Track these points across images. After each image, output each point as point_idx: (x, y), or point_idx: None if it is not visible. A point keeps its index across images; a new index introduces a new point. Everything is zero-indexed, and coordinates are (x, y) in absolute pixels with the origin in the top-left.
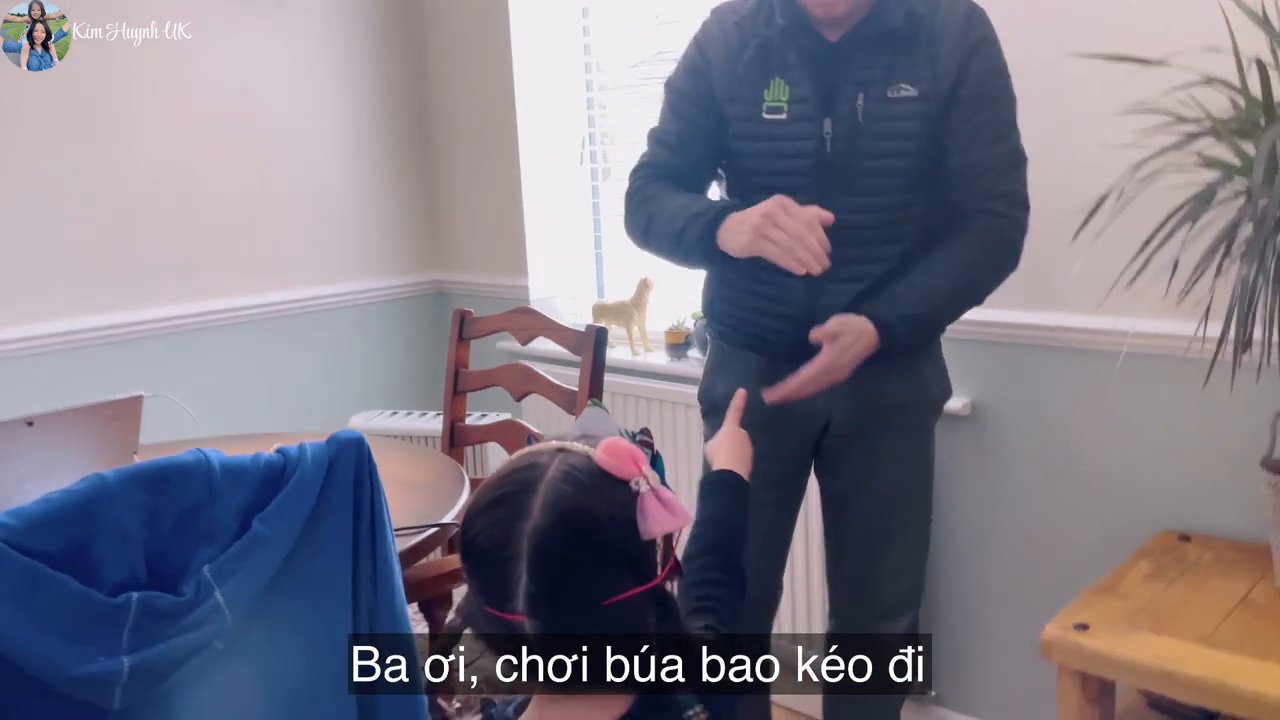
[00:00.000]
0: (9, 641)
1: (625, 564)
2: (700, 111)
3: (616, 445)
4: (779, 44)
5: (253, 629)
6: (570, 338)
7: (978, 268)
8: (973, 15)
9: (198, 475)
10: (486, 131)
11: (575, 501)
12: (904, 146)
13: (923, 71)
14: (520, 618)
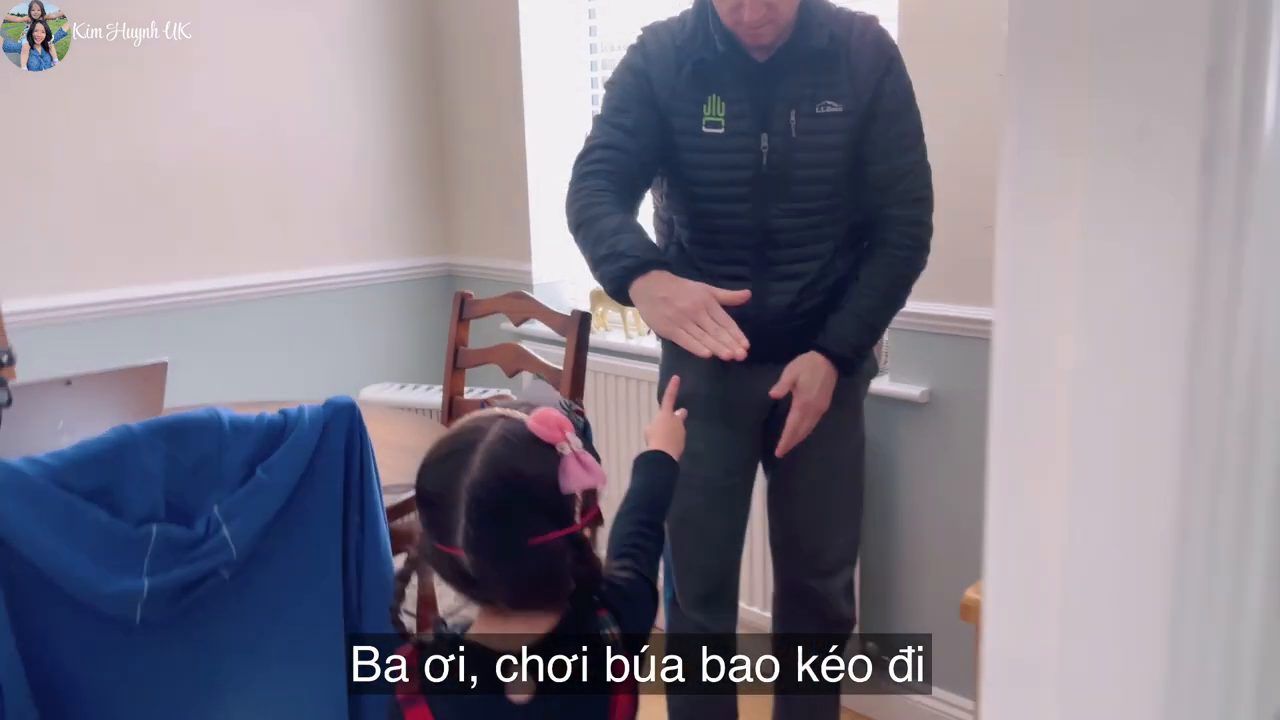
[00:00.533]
0: (51, 563)
1: (547, 513)
2: (646, 108)
3: (547, 415)
4: (715, 64)
5: (254, 562)
6: (557, 320)
7: (901, 280)
8: (882, 38)
9: (210, 428)
10: (496, 123)
11: (508, 460)
12: (832, 157)
13: (845, 89)
14: (459, 552)
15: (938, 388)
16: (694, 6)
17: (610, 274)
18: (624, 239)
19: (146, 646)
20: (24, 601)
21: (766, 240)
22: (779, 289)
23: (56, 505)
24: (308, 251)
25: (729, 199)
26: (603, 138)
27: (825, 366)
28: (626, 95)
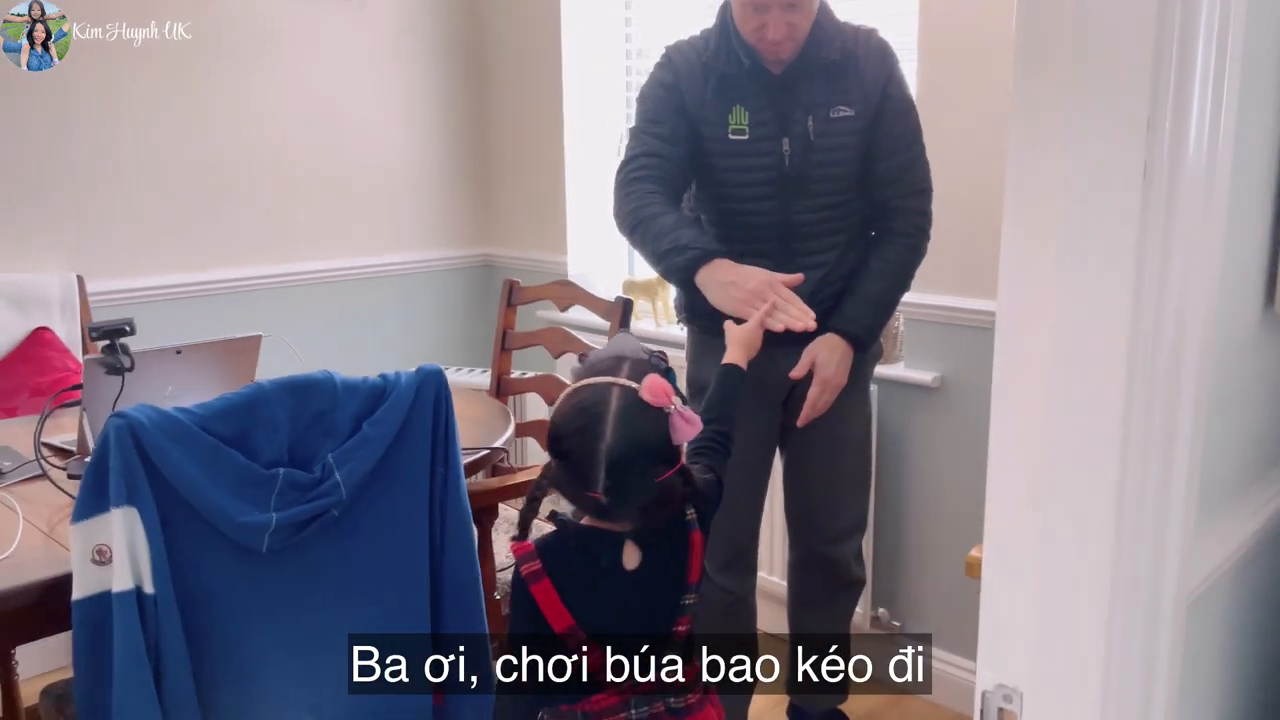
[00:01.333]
0: (199, 496)
1: (664, 459)
2: (679, 117)
3: (654, 384)
4: (738, 77)
5: (358, 504)
6: (602, 306)
7: (907, 264)
8: (885, 47)
9: (325, 388)
10: (536, 122)
11: (633, 426)
12: (845, 156)
13: (856, 95)
14: (599, 495)
15: (948, 374)
16: (715, 25)
17: (677, 264)
18: (684, 233)
19: (269, 570)
20: (174, 528)
21: (789, 234)
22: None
23: (204, 447)
24: (358, 242)
25: (755, 198)
26: (643, 146)
27: (842, 345)
28: (660, 106)
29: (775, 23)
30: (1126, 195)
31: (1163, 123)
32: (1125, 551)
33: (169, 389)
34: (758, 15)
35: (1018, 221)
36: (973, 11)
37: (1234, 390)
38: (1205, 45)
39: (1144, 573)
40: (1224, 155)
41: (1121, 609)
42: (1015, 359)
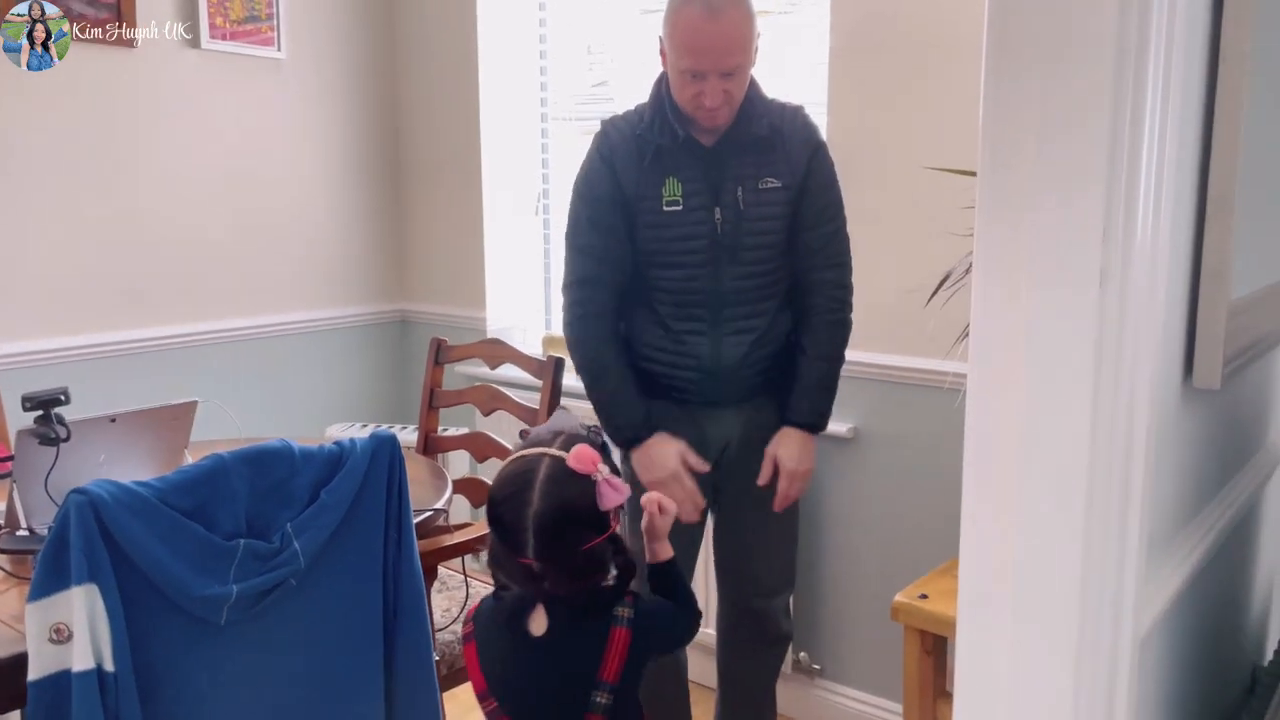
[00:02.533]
0: (158, 569)
1: (591, 525)
2: (615, 215)
3: (581, 453)
4: (672, 150)
5: (316, 571)
6: (532, 365)
7: (838, 340)
8: (810, 123)
9: (284, 457)
10: (454, 179)
11: (559, 491)
12: (774, 226)
13: (783, 168)
14: (530, 560)
15: (862, 425)
16: (650, 99)
17: (614, 441)
18: (620, 410)
19: (225, 642)
20: (133, 603)
21: (721, 301)
22: (733, 342)
23: (165, 521)
24: (274, 299)
25: (688, 265)
26: (578, 270)
27: (799, 436)
28: (597, 203)
29: (712, 90)
30: (1086, 295)
31: (1116, 233)
32: (1090, 602)
33: (102, 457)
34: (695, 83)
35: (987, 316)
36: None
37: (1165, 453)
38: (1147, 174)
39: (1107, 615)
40: (1162, 257)
41: (1088, 650)
42: (986, 437)
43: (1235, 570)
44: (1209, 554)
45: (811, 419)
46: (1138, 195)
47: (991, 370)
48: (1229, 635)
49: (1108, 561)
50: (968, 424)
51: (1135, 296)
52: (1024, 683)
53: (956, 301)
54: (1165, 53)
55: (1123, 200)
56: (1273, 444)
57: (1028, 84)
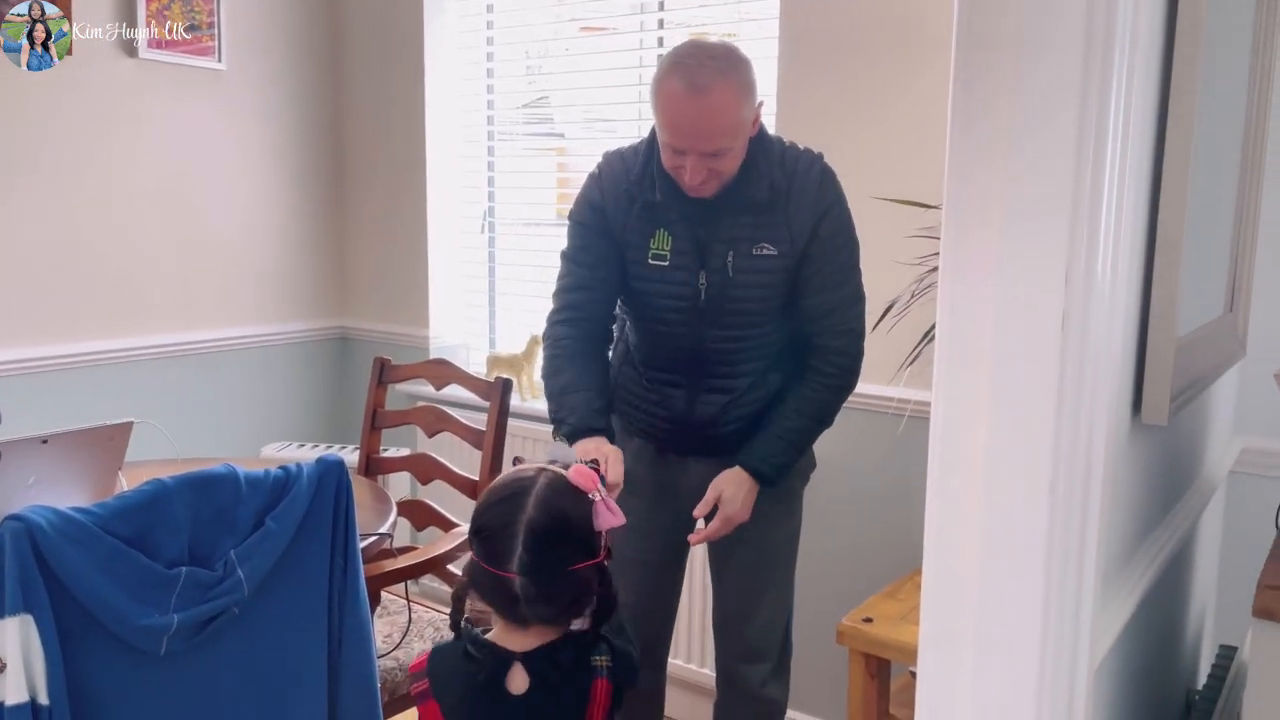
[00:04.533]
0: (96, 599)
1: (583, 546)
2: (604, 240)
3: (581, 470)
4: (663, 203)
5: (259, 599)
6: (480, 386)
7: (828, 406)
8: (824, 181)
9: (229, 483)
10: (397, 195)
11: (557, 502)
12: (765, 294)
13: (782, 234)
14: (512, 575)
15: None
16: (645, 145)
17: (563, 433)
18: (567, 402)
19: (165, 672)
20: (70, 634)
21: (701, 358)
22: (708, 400)
23: (104, 549)
24: (211, 314)
25: (669, 322)
26: (569, 278)
27: (748, 482)
28: (586, 231)
29: (694, 168)
30: (1048, 337)
31: (1077, 276)
32: (1051, 629)
33: (31, 480)
34: (677, 157)
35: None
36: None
37: (1116, 485)
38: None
39: (1065, 646)
40: (1119, 299)
41: (1048, 682)
42: (950, 473)
43: (1174, 597)
44: (1153, 583)
45: (765, 468)
46: (1099, 238)
47: (956, 411)
48: (1167, 660)
49: (1066, 593)
50: (931, 461)
51: (1094, 337)
52: (986, 714)
53: (901, 328)
54: (1125, 97)
55: (1084, 243)
56: (1209, 473)
57: (992, 130)
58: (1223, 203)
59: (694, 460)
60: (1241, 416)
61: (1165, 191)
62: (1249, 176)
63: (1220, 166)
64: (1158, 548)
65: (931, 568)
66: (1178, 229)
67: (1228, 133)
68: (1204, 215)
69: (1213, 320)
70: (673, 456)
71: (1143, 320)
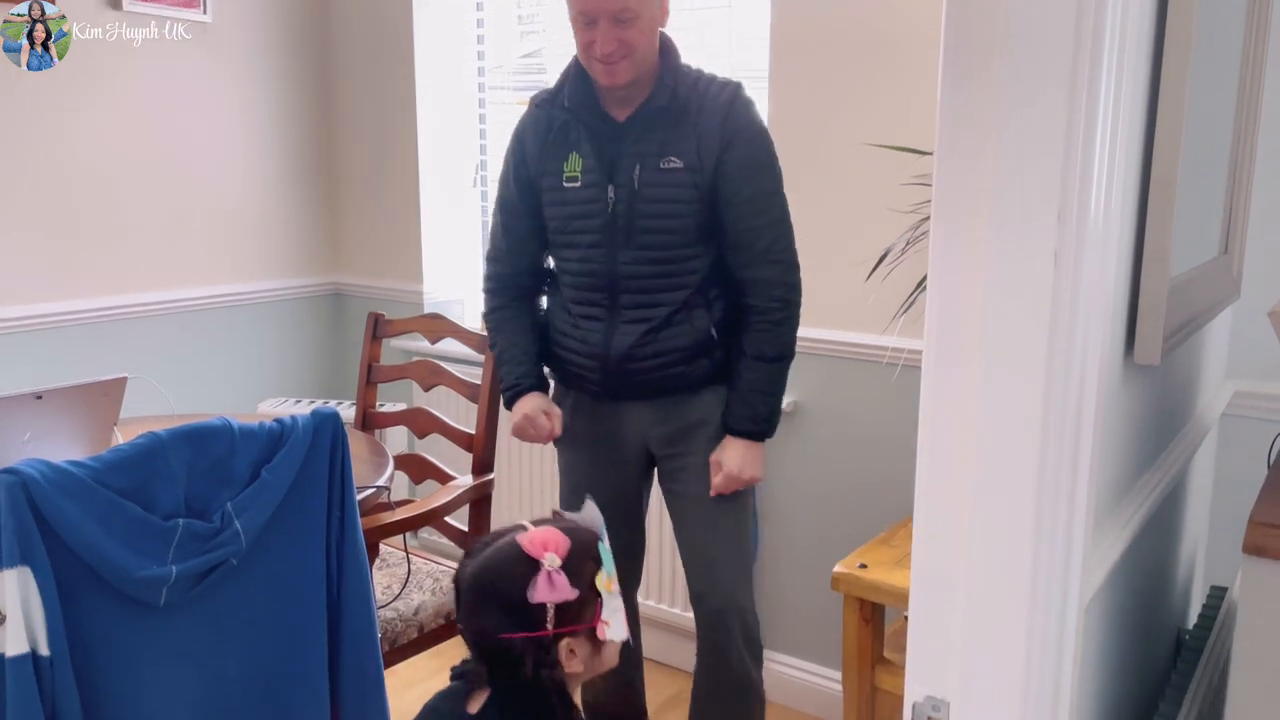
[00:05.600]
0: (93, 551)
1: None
2: (518, 194)
3: (538, 536)
4: (573, 124)
5: (257, 551)
6: (475, 340)
7: (780, 343)
8: (735, 102)
9: (224, 436)
10: (389, 148)
11: (491, 564)
12: (675, 209)
13: (689, 147)
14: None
15: (802, 399)
16: (569, 68)
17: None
18: (504, 371)
19: (165, 624)
20: (68, 586)
21: (615, 285)
22: (625, 330)
23: (100, 501)
24: (203, 271)
25: (583, 245)
26: (490, 246)
27: (740, 444)
28: (504, 183)
29: (604, 38)
30: (1041, 275)
31: (1070, 214)
32: (1041, 566)
33: (27, 435)
34: (588, 30)
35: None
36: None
37: (1108, 424)
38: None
39: (1056, 584)
40: (1112, 237)
41: (1039, 617)
42: (941, 412)
43: (1165, 538)
44: (1144, 523)
45: (748, 426)
46: (1091, 176)
47: (947, 349)
48: (1158, 600)
49: (1057, 531)
50: (922, 400)
51: (1086, 276)
52: (976, 650)
53: (895, 277)
54: (1120, 33)
55: (1077, 181)
56: (1201, 415)
57: (986, 67)
58: (1218, 144)
59: (628, 406)
60: (1235, 360)
61: (1160, 130)
62: (1245, 118)
63: (1216, 108)
64: (1149, 488)
65: (923, 506)
66: (1172, 167)
67: (1224, 73)
68: (1199, 156)
69: (1207, 261)
70: (608, 405)
71: (1136, 260)
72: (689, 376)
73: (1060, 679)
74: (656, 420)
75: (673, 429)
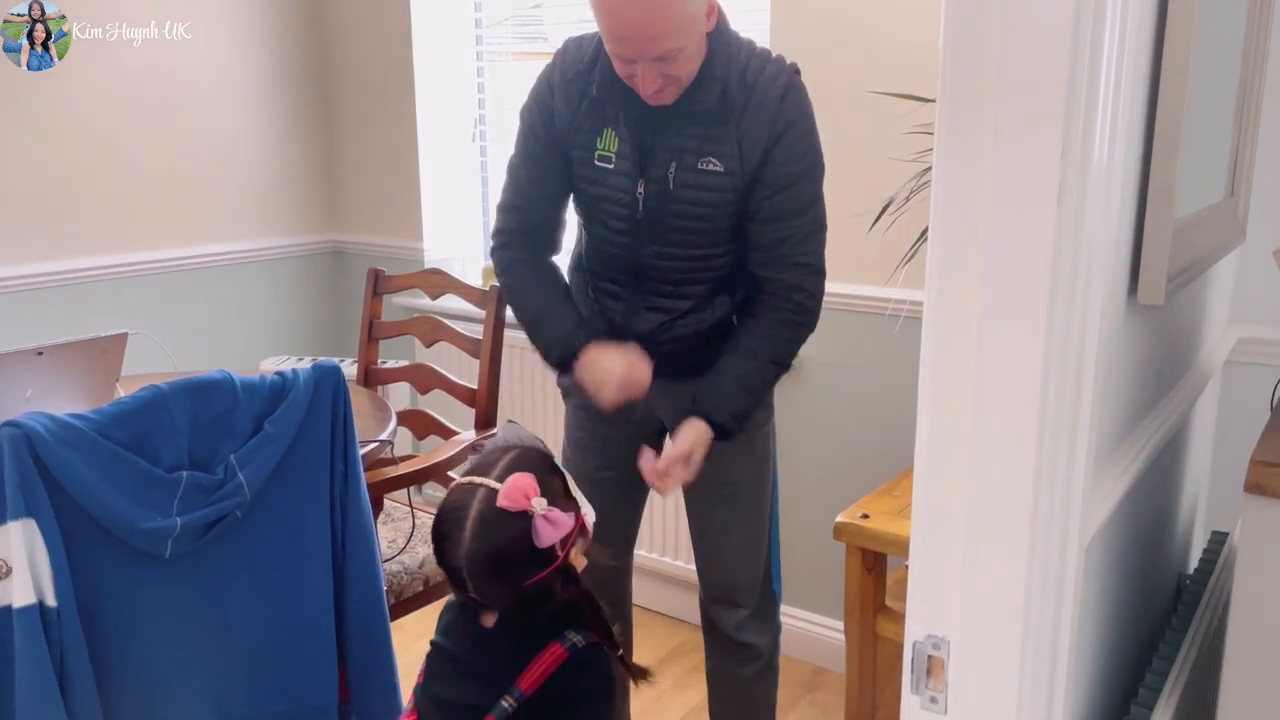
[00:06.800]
0: (97, 503)
1: (533, 560)
2: (548, 148)
3: (512, 490)
4: (610, 101)
5: (261, 504)
6: (475, 295)
7: (782, 345)
8: (787, 97)
9: (226, 389)
10: (386, 103)
11: (492, 533)
12: (708, 213)
13: (731, 149)
14: (474, 595)
15: (804, 352)
16: (595, 43)
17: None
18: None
19: (171, 575)
20: (74, 538)
21: (639, 273)
22: (647, 316)
23: (103, 453)
24: (201, 229)
25: (611, 229)
26: (506, 194)
27: (706, 435)
28: (534, 139)
29: (646, 76)
30: (1044, 210)
31: (1074, 150)
32: (1041, 505)
33: (29, 392)
34: (627, 66)
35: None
36: None
37: (1111, 368)
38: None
39: (1056, 523)
40: (1115, 175)
41: (1039, 555)
42: (942, 350)
43: (1167, 482)
44: (1145, 466)
45: (719, 418)
46: (1096, 112)
47: (949, 287)
48: (1159, 544)
49: (1058, 471)
50: (924, 336)
51: (1090, 214)
52: (975, 589)
53: (898, 227)
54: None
55: (1081, 116)
56: (1204, 361)
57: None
58: (1225, 88)
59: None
60: (1239, 306)
61: (1166, 67)
62: (1252, 63)
63: (1223, 51)
64: (1151, 430)
65: (924, 446)
66: (1178, 105)
67: (1231, 14)
68: (1206, 97)
69: (1212, 205)
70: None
71: (1141, 199)
72: (705, 357)
73: (1060, 618)
74: (668, 392)
75: (685, 404)
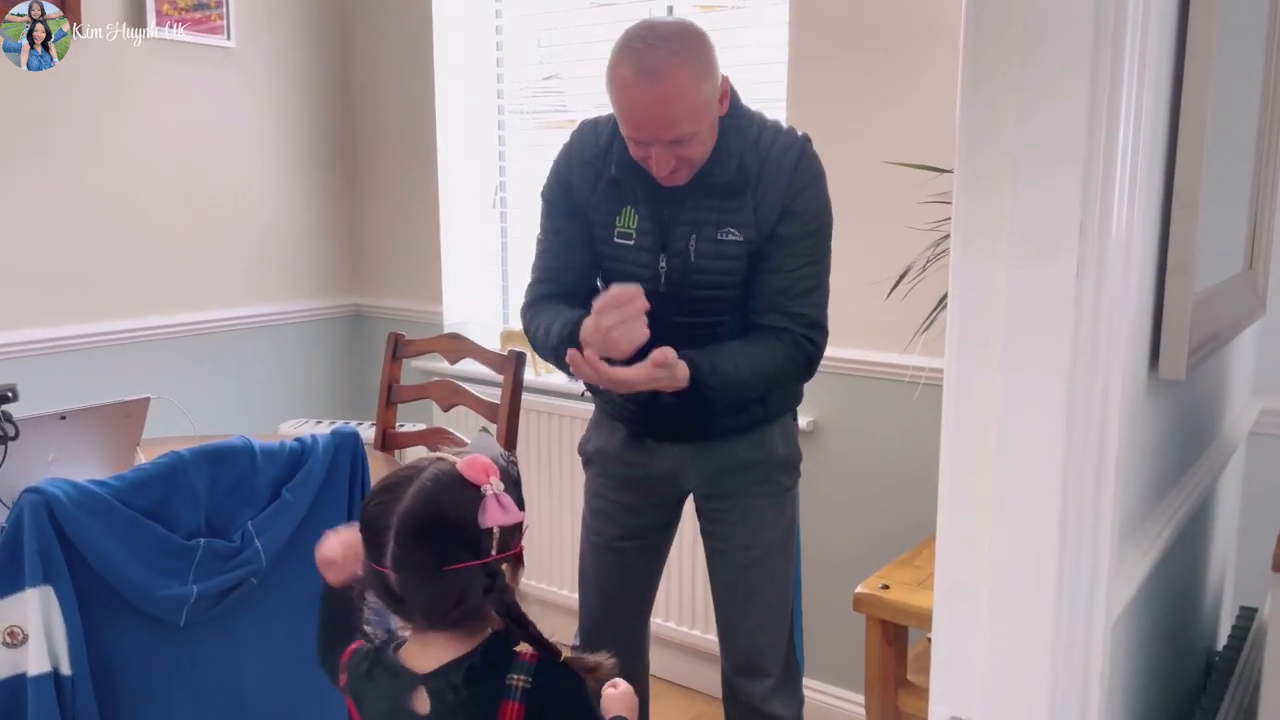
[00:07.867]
0: (115, 570)
1: (465, 544)
2: (570, 222)
3: (475, 460)
4: (627, 180)
5: (277, 570)
6: (493, 359)
7: (779, 363)
8: (800, 163)
9: (245, 455)
10: (410, 172)
11: (435, 495)
12: (727, 280)
13: (748, 218)
14: (388, 570)
15: (820, 418)
16: (613, 120)
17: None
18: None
19: (185, 642)
20: (90, 605)
21: (664, 339)
22: None
23: (122, 520)
24: (224, 294)
25: None
26: (542, 257)
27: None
28: (555, 212)
29: (660, 159)
30: (1063, 285)
31: (1092, 227)
32: (1066, 583)
33: (51, 456)
34: (641, 149)
35: (965, 307)
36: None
37: (1133, 443)
38: (1122, 167)
39: (1081, 602)
40: (1134, 250)
41: (1064, 635)
42: (963, 427)
43: (1193, 557)
44: (1170, 541)
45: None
46: (1113, 188)
47: (969, 362)
48: (1187, 621)
49: (1082, 549)
50: (945, 414)
51: (1109, 289)
52: (1000, 670)
53: (916, 295)
54: (1140, 42)
55: (1099, 193)
56: (1227, 433)
57: (1006, 76)
58: (1242, 159)
59: (669, 445)
60: (1262, 378)
61: (1182, 141)
62: (1269, 133)
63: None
64: (1176, 506)
65: (946, 523)
66: (1195, 179)
67: (1247, 87)
68: (1222, 169)
69: (1232, 277)
70: (650, 443)
71: (1160, 273)
72: (733, 424)
73: (1087, 699)
74: (695, 457)
75: (712, 467)
